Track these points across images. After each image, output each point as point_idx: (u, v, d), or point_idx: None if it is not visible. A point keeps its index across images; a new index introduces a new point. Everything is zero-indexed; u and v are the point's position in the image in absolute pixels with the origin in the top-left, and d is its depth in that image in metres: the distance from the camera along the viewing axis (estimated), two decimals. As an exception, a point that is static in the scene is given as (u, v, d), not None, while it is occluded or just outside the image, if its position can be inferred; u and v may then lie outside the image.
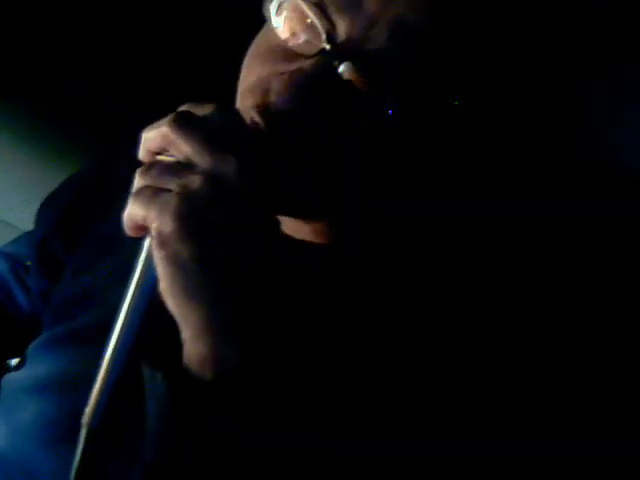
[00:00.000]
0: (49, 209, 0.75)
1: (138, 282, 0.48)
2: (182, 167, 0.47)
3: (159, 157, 0.48)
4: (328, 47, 0.50)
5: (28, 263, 0.75)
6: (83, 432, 0.48)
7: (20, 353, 0.71)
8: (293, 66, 0.51)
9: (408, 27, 0.50)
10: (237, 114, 0.50)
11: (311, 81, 0.50)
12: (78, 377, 0.49)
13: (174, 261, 0.46)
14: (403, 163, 0.54)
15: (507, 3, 0.53)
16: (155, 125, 0.48)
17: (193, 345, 0.47)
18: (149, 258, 0.47)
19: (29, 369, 0.65)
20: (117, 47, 1.08)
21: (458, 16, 0.51)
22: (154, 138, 0.48)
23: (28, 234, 0.79)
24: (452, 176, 0.57)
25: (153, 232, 0.46)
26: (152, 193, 0.46)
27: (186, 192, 0.46)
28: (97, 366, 0.48)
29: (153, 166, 0.48)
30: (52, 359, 0.62)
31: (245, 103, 0.53)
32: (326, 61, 0.50)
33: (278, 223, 0.51)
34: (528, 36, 0.54)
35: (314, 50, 0.51)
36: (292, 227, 0.58)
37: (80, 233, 0.70)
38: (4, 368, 0.72)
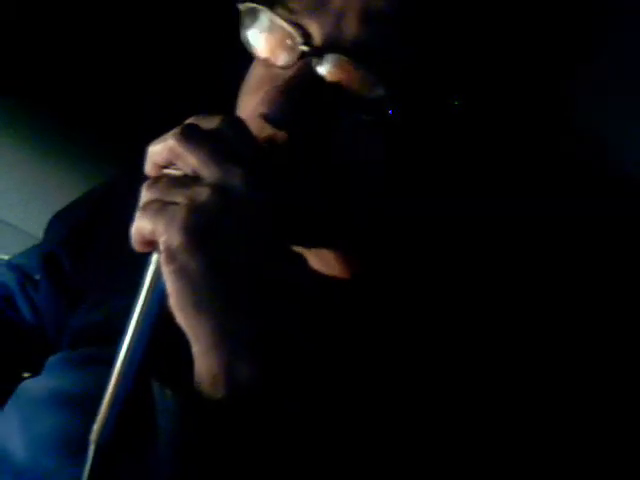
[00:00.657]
0: (59, 224, 0.75)
1: (146, 297, 0.48)
2: (189, 180, 0.47)
3: (166, 170, 0.48)
4: (306, 49, 0.51)
5: (37, 277, 0.75)
6: (91, 449, 0.48)
7: (28, 365, 0.70)
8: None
9: (377, 14, 0.51)
10: (244, 126, 0.50)
11: (295, 85, 0.51)
12: (100, 396, 0.49)
13: (183, 274, 0.45)
14: (402, 164, 0.54)
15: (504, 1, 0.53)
16: (161, 138, 0.48)
17: (203, 359, 0.46)
18: (157, 273, 0.47)
19: (47, 381, 0.65)
20: (120, 47, 1.08)
21: (435, 6, 0.51)
22: (160, 152, 0.48)
23: (38, 247, 0.78)
24: (452, 177, 0.56)
25: (161, 246, 0.46)
26: (159, 207, 0.46)
27: (194, 204, 0.45)
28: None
29: (160, 179, 0.48)
30: (74, 376, 0.62)
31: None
32: (306, 62, 0.51)
33: (291, 238, 0.51)
34: (527, 36, 0.54)
35: (295, 58, 0.52)
36: (312, 259, 0.58)
37: (91, 252, 0.69)
38: (16, 378, 0.71)
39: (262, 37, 0.55)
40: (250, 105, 0.54)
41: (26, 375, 0.72)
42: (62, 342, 0.68)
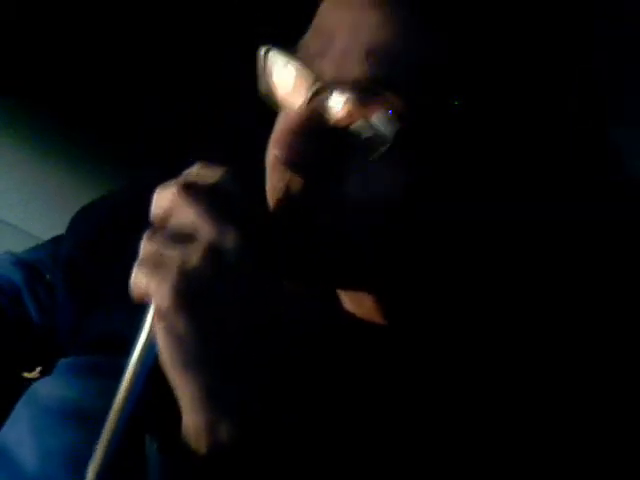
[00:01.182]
0: (78, 227, 0.74)
1: (143, 347, 0.48)
2: (186, 236, 0.47)
3: (170, 218, 0.48)
4: (314, 88, 0.51)
5: (48, 277, 0.74)
6: None
7: (32, 365, 0.70)
8: None
9: (380, 49, 0.50)
10: (246, 181, 0.50)
11: (306, 124, 0.51)
12: (104, 412, 0.49)
13: (172, 334, 0.46)
14: (418, 186, 0.53)
15: (505, 4, 0.53)
16: (166, 185, 0.48)
17: (189, 416, 0.47)
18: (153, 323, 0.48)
19: (56, 387, 0.64)
20: (120, 47, 1.08)
21: (445, 25, 0.51)
22: (163, 199, 0.48)
23: (50, 243, 0.77)
24: (453, 180, 0.56)
25: (153, 303, 0.46)
26: (154, 264, 0.46)
27: (185, 267, 0.45)
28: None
29: (158, 231, 0.48)
30: (81, 386, 0.62)
31: (272, 181, 0.54)
32: (317, 101, 0.51)
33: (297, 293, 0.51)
34: (528, 37, 0.54)
35: (308, 99, 0.52)
36: (346, 301, 0.58)
37: (108, 259, 0.69)
38: (18, 377, 0.71)
39: (280, 84, 0.55)
40: (273, 154, 0.54)
41: (27, 375, 0.72)
42: (74, 346, 0.68)
